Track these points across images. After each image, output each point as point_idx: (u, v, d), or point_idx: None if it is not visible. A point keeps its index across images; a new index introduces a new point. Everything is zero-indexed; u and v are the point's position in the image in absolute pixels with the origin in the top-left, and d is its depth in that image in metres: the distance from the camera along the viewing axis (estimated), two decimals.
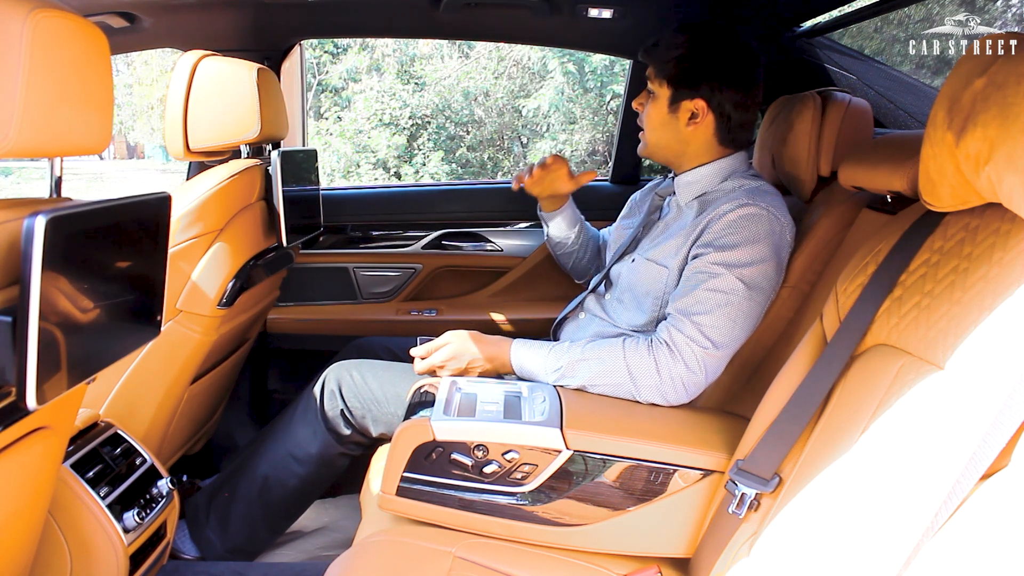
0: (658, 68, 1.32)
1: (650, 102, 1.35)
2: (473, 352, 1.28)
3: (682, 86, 1.30)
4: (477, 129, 8.23)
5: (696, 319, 1.16)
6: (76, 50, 0.77)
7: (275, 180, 1.59)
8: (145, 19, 1.68)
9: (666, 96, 1.31)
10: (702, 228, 1.24)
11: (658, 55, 1.31)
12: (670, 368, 1.14)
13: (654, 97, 1.34)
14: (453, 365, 1.28)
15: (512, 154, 8.29)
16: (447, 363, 1.28)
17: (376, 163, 7.94)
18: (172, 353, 1.47)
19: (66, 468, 1.15)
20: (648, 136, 1.37)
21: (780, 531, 0.88)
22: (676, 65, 1.29)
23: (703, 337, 1.15)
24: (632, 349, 1.18)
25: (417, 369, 1.31)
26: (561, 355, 1.23)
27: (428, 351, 1.30)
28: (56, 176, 0.90)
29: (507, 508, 1.07)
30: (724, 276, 1.18)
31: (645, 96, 1.37)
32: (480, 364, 1.28)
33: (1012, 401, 0.65)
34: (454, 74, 8.11)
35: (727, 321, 1.16)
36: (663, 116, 1.33)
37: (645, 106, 1.36)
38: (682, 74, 1.29)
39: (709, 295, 1.17)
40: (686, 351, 1.15)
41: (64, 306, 0.76)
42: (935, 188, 0.80)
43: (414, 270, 2.15)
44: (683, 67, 1.29)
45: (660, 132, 1.35)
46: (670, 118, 1.32)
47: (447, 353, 1.28)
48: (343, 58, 8.06)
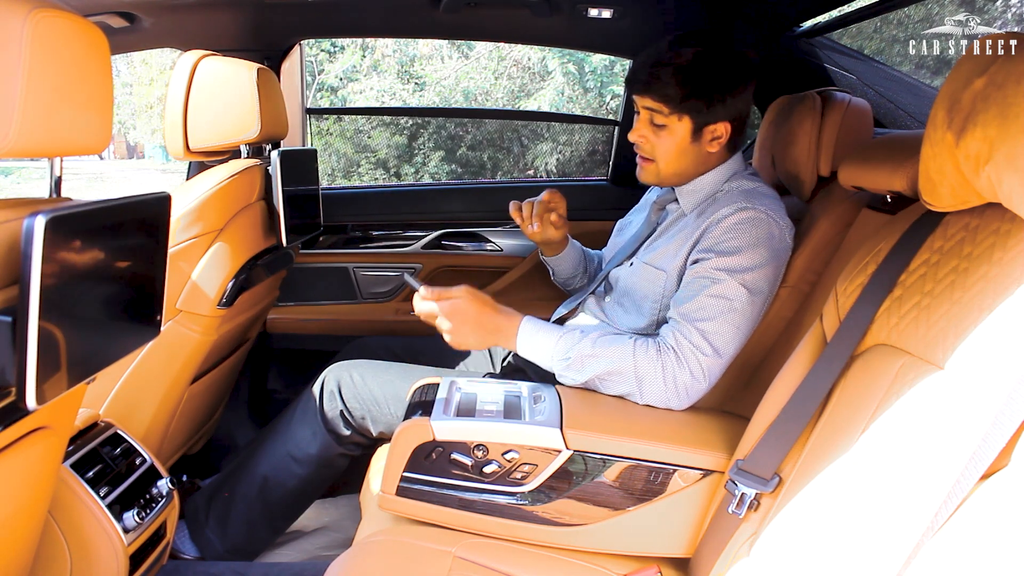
0: (670, 105, 1.23)
1: (660, 135, 1.27)
2: (476, 321, 1.19)
3: (702, 114, 1.24)
4: (477, 129, 8.22)
5: (700, 326, 1.15)
6: (76, 50, 0.77)
7: (275, 180, 1.59)
8: (145, 19, 1.68)
9: (686, 128, 1.25)
10: (701, 232, 1.23)
11: (664, 91, 1.23)
12: (675, 375, 1.13)
13: (667, 130, 1.26)
14: (451, 325, 1.18)
15: (512, 154, 8.29)
16: (448, 319, 1.18)
17: (376, 163, 7.95)
18: (172, 353, 1.47)
19: (66, 468, 1.15)
20: (663, 167, 1.29)
21: (780, 531, 0.88)
22: (693, 98, 1.23)
23: (708, 345, 1.14)
24: (642, 353, 1.15)
25: (417, 308, 1.21)
26: (571, 345, 1.18)
27: (437, 296, 1.19)
28: (56, 176, 0.90)
29: (507, 508, 1.07)
30: (727, 282, 1.17)
31: (648, 128, 1.28)
32: (478, 336, 1.19)
33: (1012, 401, 0.65)
34: (454, 74, 8.11)
35: (731, 328, 1.16)
36: (684, 146, 1.27)
37: (649, 138, 1.28)
38: (701, 104, 1.23)
39: (713, 302, 1.16)
40: (691, 359, 1.14)
41: (64, 306, 0.76)
42: (935, 188, 0.80)
43: (414, 270, 2.15)
44: (702, 99, 1.23)
45: (679, 161, 1.28)
46: (691, 146, 1.27)
47: (450, 309, 1.18)
48: (339, 56, 8.06)
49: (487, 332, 1.20)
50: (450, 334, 1.19)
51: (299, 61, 2.10)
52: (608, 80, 7.44)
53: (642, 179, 1.33)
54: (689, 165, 1.29)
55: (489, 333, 1.20)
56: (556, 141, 7.78)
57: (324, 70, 8.10)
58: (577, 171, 7.82)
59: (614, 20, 1.89)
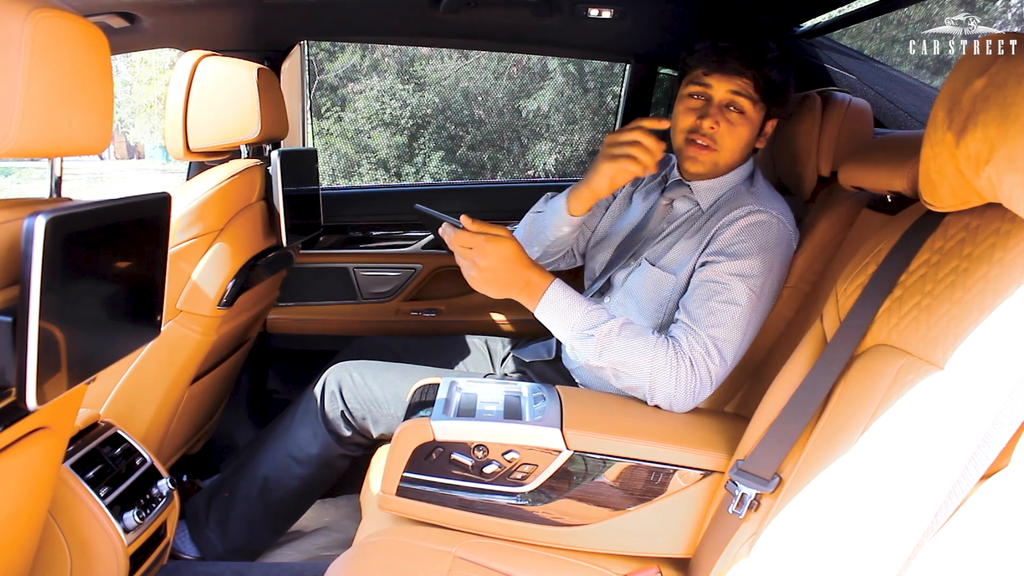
0: (762, 92, 1.20)
1: (736, 122, 1.23)
2: (511, 268, 1.09)
3: (779, 108, 1.24)
4: (477, 129, 8.23)
5: (712, 332, 1.14)
6: (76, 50, 0.77)
7: (275, 180, 1.60)
8: (145, 19, 1.67)
9: (759, 119, 1.24)
10: (712, 234, 1.22)
11: (765, 76, 1.18)
12: (688, 380, 1.12)
13: (745, 118, 1.23)
14: (485, 263, 1.08)
15: (512, 154, 8.30)
16: (483, 257, 1.08)
17: (376, 163, 7.95)
18: (172, 353, 1.47)
19: (66, 468, 1.15)
20: (725, 157, 1.25)
21: (780, 531, 0.88)
22: (781, 90, 1.22)
23: (717, 352, 1.13)
24: (662, 352, 1.12)
25: (452, 239, 1.10)
26: (598, 321, 1.12)
27: (481, 230, 1.08)
28: (56, 176, 0.90)
29: (507, 508, 1.07)
30: (737, 288, 1.16)
31: (722, 114, 1.23)
32: (503, 283, 1.10)
33: (1012, 401, 0.65)
34: (454, 74, 8.12)
35: (739, 334, 1.15)
36: (751, 138, 1.25)
37: (723, 124, 1.23)
38: (783, 98, 1.23)
39: (723, 307, 1.15)
40: (701, 365, 1.13)
41: (64, 306, 0.76)
42: (935, 188, 0.80)
43: (414, 270, 2.15)
44: (784, 93, 1.23)
45: (740, 153, 1.26)
46: (752, 139, 1.26)
47: (490, 248, 1.07)
48: (339, 56, 8.06)
49: (515, 282, 1.11)
50: (477, 272, 1.09)
51: (299, 61, 2.10)
52: (608, 81, 7.45)
53: (693, 170, 1.28)
54: (739, 159, 1.28)
55: (516, 284, 1.11)
56: (555, 141, 7.78)
57: (326, 70, 8.11)
58: (577, 171, 7.83)
59: (614, 20, 1.89)
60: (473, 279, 1.10)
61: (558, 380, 1.46)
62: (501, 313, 2.13)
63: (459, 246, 1.09)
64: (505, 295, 1.12)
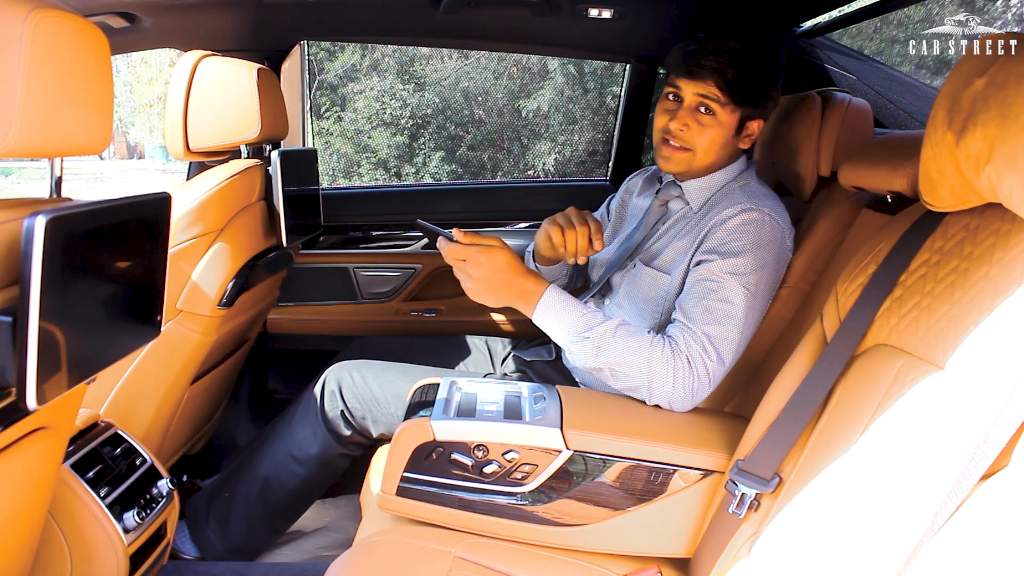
0: (728, 95, 1.21)
1: (706, 124, 1.24)
2: (505, 278, 1.12)
3: (755, 108, 1.24)
4: (477, 129, 8.23)
5: (707, 330, 1.14)
6: (76, 50, 0.77)
7: (275, 180, 1.60)
8: (145, 19, 1.68)
9: (735, 120, 1.24)
10: (705, 233, 1.23)
11: (726, 78, 1.19)
12: (685, 378, 1.12)
13: (715, 120, 1.24)
14: (479, 274, 1.12)
15: (512, 154, 8.30)
16: (477, 268, 1.12)
17: (376, 163, 7.95)
18: (172, 353, 1.47)
19: (66, 468, 1.15)
20: (700, 158, 1.26)
21: (780, 531, 0.88)
22: (753, 91, 1.22)
23: (714, 350, 1.14)
24: (659, 351, 1.12)
25: (447, 251, 1.14)
26: (593, 324, 1.14)
27: (473, 242, 1.12)
28: (56, 176, 0.90)
29: (507, 508, 1.07)
30: (731, 286, 1.16)
31: (692, 116, 1.24)
32: (499, 292, 1.13)
33: (1012, 401, 0.65)
34: (454, 74, 8.12)
35: (735, 333, 1.15)
36: (727, 138, 1.26)
37: (692, 126, 1.25)
38: (758, 98, 1.23)
39: (718, 306, 1.15)
40: (699, 364, 1.13)
41: (64, 306, 0.76)
42: (935, 188, 0.80)
43: (414, 270, 2.15)
44: (759, 93, 1.23)
45: (717, 153, 1.27)
46: (732, 139, 1.27)
47: (484, 259, 1.11)
48: (339, 56, 8.06)
49: (510, 290, 1.13)
50: (473, 283, 1.13)
51: (299, 61, 2.10)
52: (608, 81, 7.45)
53: (667, 169, 1.31)
54: (721, 158, 1.29)
55: (512, 292, 1.14)
56: (555, 141, 7.79)
57: (326, 70, 8.11)
58: (577, 171, 7.83)
59: (614, 20, 1.89)
60: (470, 290, 1.14)
61: (559, 380, 1.46)
62: (501, 313, 2.13)
63: (454, 259, 1.13)
64: (502, 303, 1.15)
